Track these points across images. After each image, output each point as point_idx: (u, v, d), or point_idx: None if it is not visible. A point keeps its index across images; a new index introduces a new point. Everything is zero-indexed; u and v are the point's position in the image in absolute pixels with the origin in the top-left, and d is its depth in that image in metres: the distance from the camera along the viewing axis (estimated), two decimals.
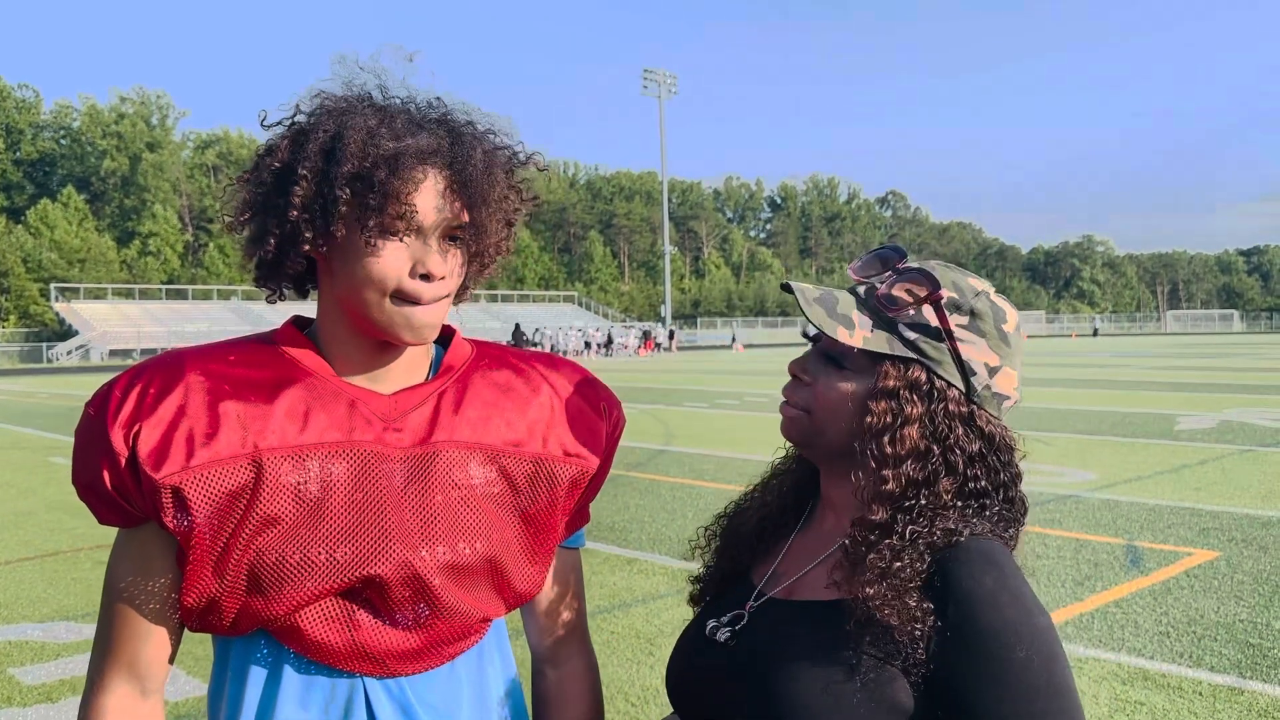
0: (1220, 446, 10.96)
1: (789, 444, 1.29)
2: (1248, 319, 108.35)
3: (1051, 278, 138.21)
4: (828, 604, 1.12)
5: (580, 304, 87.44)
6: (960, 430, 1.13)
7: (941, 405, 1.12)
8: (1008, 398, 1.16)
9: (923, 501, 1.11)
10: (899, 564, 1.06)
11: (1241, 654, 4.45)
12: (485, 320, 69.78)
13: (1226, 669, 4.28)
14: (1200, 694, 4.03)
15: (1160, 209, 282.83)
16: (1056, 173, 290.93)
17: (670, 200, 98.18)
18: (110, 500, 1.09)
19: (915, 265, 1.17)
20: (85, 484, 1.10)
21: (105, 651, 1.15)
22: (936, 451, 1.12)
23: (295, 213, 1.10)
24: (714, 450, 11.68)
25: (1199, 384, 20.78)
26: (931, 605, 1.05)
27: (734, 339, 66.32)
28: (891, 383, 1.13)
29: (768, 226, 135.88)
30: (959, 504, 1.12)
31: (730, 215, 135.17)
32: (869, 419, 1.13)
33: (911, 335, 1.14)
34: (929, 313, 1.14)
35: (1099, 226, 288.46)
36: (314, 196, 1.10)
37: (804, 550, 1.23)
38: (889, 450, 1.11)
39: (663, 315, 71.28)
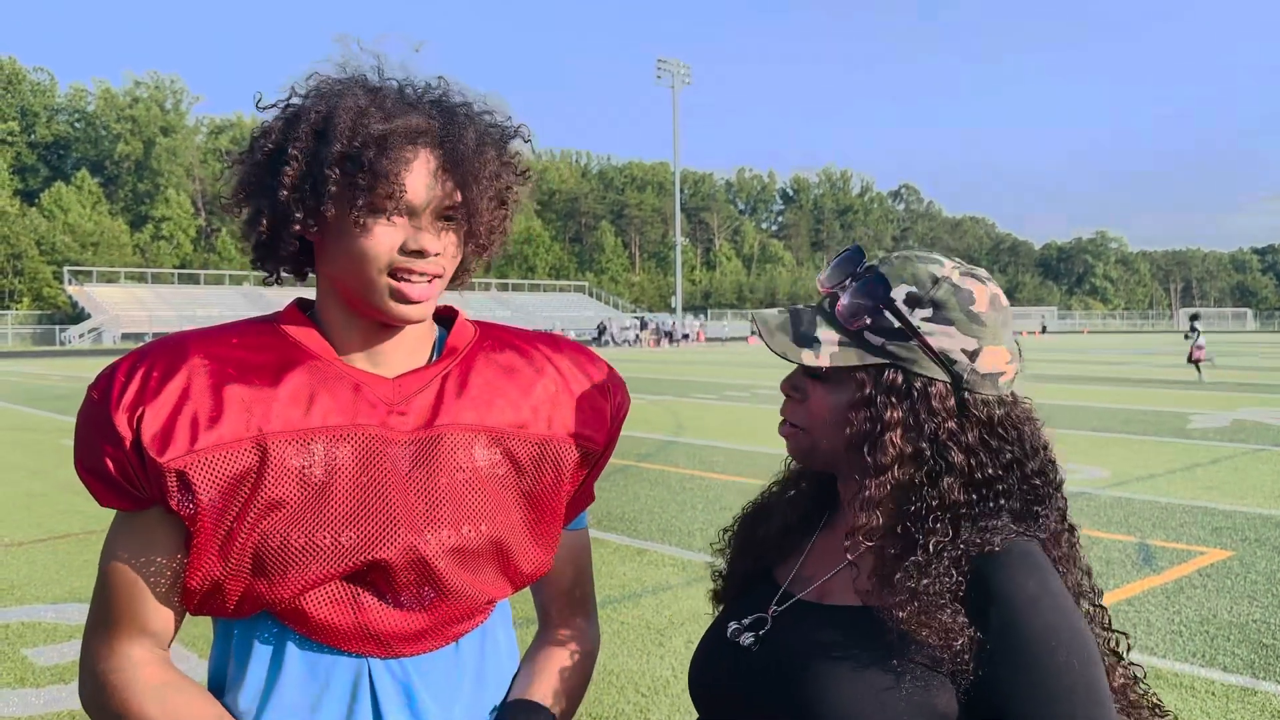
0: (1233, 445, 10.91)
1: None
2: (1261, 318, 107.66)
3: (1064, 274, 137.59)
4: (861, 609, 1.10)
5: (591, 294, 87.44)
6: (952, 424, 1.10)
7: (924, 403, 1.10)
8: (1001, 373, 1.12)
9: (931, 502, 1.08)
10: (926, 580, 1.04)
11: (1255, 654, 4.42)
12: (495, 309, 69.86)
13: (1240, 669, 4.26)
14: (1213, 694, 4.01)
15: (1175, 206, 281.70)
16: (1071, 168, 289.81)
17: (682, 191, 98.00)
18: (113, 484, 1.08)
19: (869, 268, 1.14)
20: (89, 468, 1.09)
21: (109, 622, 1.13)
22: (928, 452, 1.09)
23: (285, 193, 1.10)
24: (723, 442, 11.66)
25: (1212, 382, 20.66)
26: (967, 619, 1.03)
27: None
28: (868, 390, 1.11)
29: (779, 219, 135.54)
30: (973, 497, 1.09)
31: (742, 207, 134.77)
32: (848, 430, 1.12)
33: (878, 341, 1.12)
34: (890, 315, 1.11)
35: (1113, 223, 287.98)
36: (304, 176, 1.10)
37: (829, 550, 1.21)
38: (869, 459, 1.10)
39: (673, 306, 71.20)
